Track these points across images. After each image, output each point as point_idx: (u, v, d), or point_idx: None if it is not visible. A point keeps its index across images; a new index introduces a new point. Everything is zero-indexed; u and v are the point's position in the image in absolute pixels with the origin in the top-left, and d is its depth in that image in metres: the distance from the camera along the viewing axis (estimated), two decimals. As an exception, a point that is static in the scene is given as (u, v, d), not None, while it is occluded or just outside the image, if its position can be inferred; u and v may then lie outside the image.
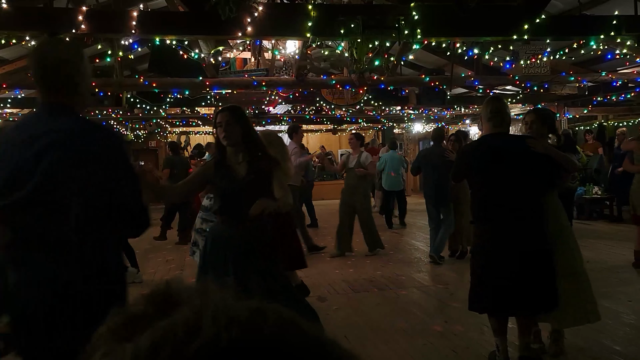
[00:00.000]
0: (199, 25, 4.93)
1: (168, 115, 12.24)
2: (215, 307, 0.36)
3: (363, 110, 12.15)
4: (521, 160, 3.20)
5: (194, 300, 0.39)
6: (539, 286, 3.10)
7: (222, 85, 8.15)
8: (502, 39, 5.73)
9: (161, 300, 0.39)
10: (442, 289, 5.31)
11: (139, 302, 0.40)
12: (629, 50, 6.85)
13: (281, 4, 6.10)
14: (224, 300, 0.38)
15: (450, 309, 4.62)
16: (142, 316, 0.38)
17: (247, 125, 2.94)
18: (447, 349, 3.70)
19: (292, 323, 0.37)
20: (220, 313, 0.35)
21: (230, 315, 0.35)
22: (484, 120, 3.38)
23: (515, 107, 12.46)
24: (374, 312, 4.62)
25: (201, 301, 0.37)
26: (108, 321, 0.39)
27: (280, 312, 0.37)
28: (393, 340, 3.90)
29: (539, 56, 8.10)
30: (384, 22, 4.96)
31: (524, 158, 3.20)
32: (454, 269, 6.17)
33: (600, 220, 9.67)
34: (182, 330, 0.34)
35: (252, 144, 2.93)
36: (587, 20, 5.77)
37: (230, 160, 2.91)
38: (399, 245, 8.05)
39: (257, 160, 2.89)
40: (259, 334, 0.34)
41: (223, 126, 2.84)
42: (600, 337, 3.74)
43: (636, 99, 10.50)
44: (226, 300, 0.38)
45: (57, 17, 4.78)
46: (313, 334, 0.37)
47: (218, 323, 0.34)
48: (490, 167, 3.25)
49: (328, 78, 8.73)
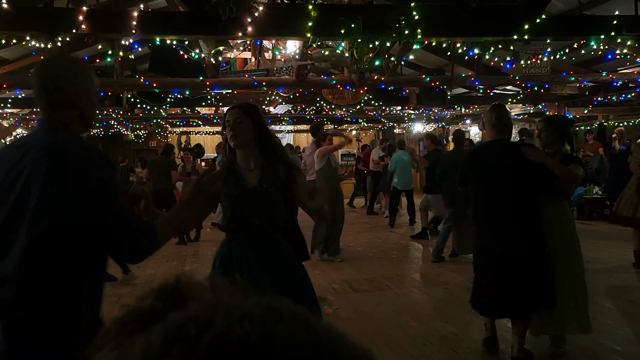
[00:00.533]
0: (199, 25, 4.94)
1: (168, 115, 12.24)
2: (227, 303, 0.36)
3: (363, 110, 12.15)
4: (515, 168, 3.27)
5: (205, 295, 0.38)
6: (532, 288, 3.15)
7: (223, 85, 8.15)
8: (502, 39, 5.73)
9: (170, 296, 0.39)
10: (442, 288, 5.31)
11: (147, 296, 0.39)
12: (630, 50, 6.84)
13: (281, 4, 6.10)
14: (235, 297, 0.38)
15: (450, 309, 4.62)
16: (150, 311, 0.37)
17: (262, 125, 2.48)
18: (447, 349, 3.70)
19: (305, 320, 0.36)
20: (233, 308, 0.35)
21: (243, 310, 0.35)
22: (487, 125, 3.44)
23: (515, 107, 12.47)
24: (374, 312, 4.63)
25: (212, 296, 0.37)
26: (116, 316, 0.39)
27: (293, 310, 0.37)
28: (393, 340, 3.91)
29: (540, 56, 8.10)
30: (384, 22, 4.96)
31: (519, 166, 3.25)
32: (453, 269, 6.17)
33: (600, 220, 9.67)
34: (194, 323, 0.34)
35: (267, 148, 2.46)
36: (588, 20, 5.77)
37: (241, 166, 2.46)
38: (398, 245, 8.04)
39: (272, 167, 2.44)
40: (272, 329, 0.34)
41: (231, 124, 2.41)
42: (600, 338, 3.74)
43: (636, 99, 10.49)
44: (237, 296, 0.38)
45: (57, 17, 4.79)
46: (326, 332, 0.37)
47: (231, 316, 0.34)
48: (484, 173, 3.37)
49: (328, 78, 8.74)
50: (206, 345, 0.32)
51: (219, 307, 0.35)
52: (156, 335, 0.34)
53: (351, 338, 0.39)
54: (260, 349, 0.32)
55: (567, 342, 3.55)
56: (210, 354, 0.32)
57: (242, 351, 0.32)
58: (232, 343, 0.32)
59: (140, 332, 0.35)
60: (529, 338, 3.42)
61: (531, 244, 3.19)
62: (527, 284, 3.14)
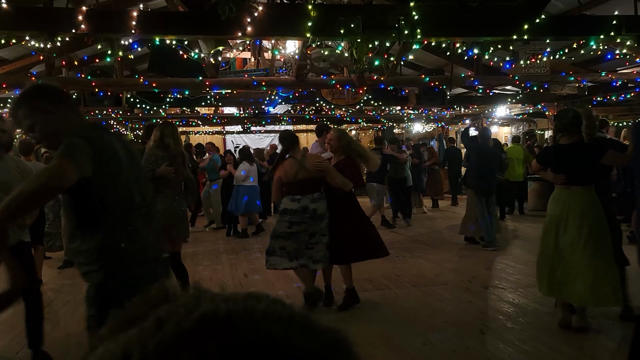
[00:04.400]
0: (199, 25, 4.94)
1: (168, 115, 12.24)
2: (212, 293, 0.41)
3: (363, 110, 12.16)
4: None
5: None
6: None
7: (222, 85, 8.15)
8: (502, 39, 5.74)
9: (160, 303, 0.41)
10: (442, 288, 5.31)
11: (139, 303, 0.42)
12: (629, 50, 6.85)
13: (281, 4, 6.10)
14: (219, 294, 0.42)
15: (450, 309, 4.62)
16: (141, 316, 0.40)
17: None
18: (447, 349, 3.70)
19: (282, 301, 0.41)
20: (217, 295, 0.41)
21: (227, 296, 0.40)
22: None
23: (514, 107, 12.48)
24: (373, 312, 4.62)
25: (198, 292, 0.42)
26: (108, 323, 0.41)
27: (270, 296, 0.42)
28: (393, 340, 3.90)
29: (539, 56, 8.11)
30: (384, 22, 4.96)
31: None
32: (453, 269, 6.18)
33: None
34: (183, 307, 0.38)
35: None
36: (587, 20, 5.78)
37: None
38: (398, 245, 8.04)
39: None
40: (254, 305, 0.39)
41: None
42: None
43: (636, 99, 10.50)
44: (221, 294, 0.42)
45: (57, 17, 4.79)
46: (301, 311, 0.42)
47: (216, 299, 0.39)
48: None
49: (328, 78, 8.74)
50: (195, 320, 0.36)
51: (205, 295, 0.41)
52: (149, 321, 0.38)
53: (350, 337, 0.42)
54: (244, 321, 0.37)
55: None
56: (199, 327, 0.36)
57: (227, 322, 0.36)
58: (219, 317, 0.37)
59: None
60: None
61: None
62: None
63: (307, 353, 0.37)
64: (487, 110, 13.01)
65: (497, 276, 5.74)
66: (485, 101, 11.63)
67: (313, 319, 0.41)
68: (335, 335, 0.41)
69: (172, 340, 0.35)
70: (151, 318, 0.38)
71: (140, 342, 0.36)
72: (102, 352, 0.38)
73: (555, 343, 3.72)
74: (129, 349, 0.36)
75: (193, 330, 0.36)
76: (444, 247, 7.64)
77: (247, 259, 7.15)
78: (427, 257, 6.83)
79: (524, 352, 3.62)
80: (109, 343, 0.38)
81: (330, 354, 0.39)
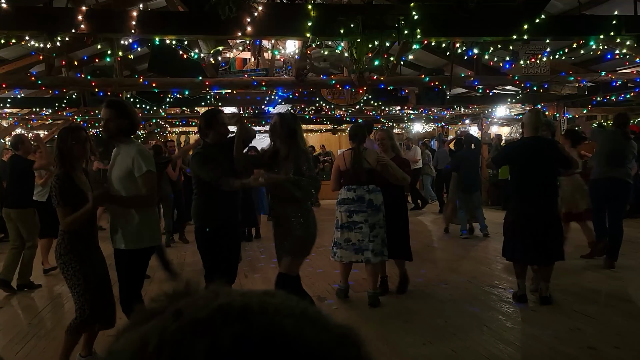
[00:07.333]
0: (199, 25, 4.94)
1: (168, 115, 12.24)
2: (229, 289, 0.44)
3: (363, 110, 12.16)
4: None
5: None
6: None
7: (222, 85, 8.14)
8: (502, 39, 5.73)
9: (181, 297, 0.44)
10: (442, 288, 5.31)
11: (160, 299, 0.45)
12: (629, 50, 6.85)
13: (281, 4, 6.10)
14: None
15: (450, 309, 4.63)
16: (162, 311, 0.42)
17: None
18: (447, 349, 3.70)
19: (296, 298, 0.44)
20: (233, 290, 0.44)
21: (243, 291, 0.43)
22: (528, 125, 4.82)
23: (514, 107, 12.48)
24: (373, 311, 4.63)
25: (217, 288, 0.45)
26: (131, 318, 0.44)
27: (285, 294, 0.44)
28: (393, 340, 3.91)
29: (539, 56, 8.10)
30: (383, 22, 4.96)
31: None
32: (453, 269, 6.18)
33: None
34: (202, 299, 0.41)
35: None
36: (587, 20, 5.78)
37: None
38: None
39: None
40: (269, 300, 0.41)
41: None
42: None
43: (636, 99, 10.50)
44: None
45: (56, 17, 4.78)
46: (315, 308, 0.43)
47: (232, 293, 0.42)
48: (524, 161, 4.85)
49: (328, 78, 8.73)
50: (211, 310, 0.39)
51: (222, 289, 0.43)
52: (168, 311, 0.41)
53: (361, 335, 0.43)
54: (257, 313, 0.39)
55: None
56: (214, 317, 0.38)
57: (241, 314, 0.39)
58: (234, 308, 0.39)
59: None
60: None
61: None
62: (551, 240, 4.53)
63: (318, 347, 0.39)
64: (487, 110, 13.00)
65: (497, 276, 5.74)
66: (485, 101, 11.63)
67: (326, 315, 0.42)
68: (346, 331, 0.42)
69: (188, 329, 0.38)
70: (170, 309, 0.41)
71: (158, 330, 0.38)
72: (124, 340, 0.40)
73: (555, 343, 3.73)
74: (147, 336, 0.38)
75: (208, 320, 0.38)
76: (444, 247, 7.65)
77: (247, 259, 7.15)
78: (426, 258, 6.83)
79: (524, 352, 3.63)
80: (131, 333, 0.41)
81: (341, 350, 0.40)
